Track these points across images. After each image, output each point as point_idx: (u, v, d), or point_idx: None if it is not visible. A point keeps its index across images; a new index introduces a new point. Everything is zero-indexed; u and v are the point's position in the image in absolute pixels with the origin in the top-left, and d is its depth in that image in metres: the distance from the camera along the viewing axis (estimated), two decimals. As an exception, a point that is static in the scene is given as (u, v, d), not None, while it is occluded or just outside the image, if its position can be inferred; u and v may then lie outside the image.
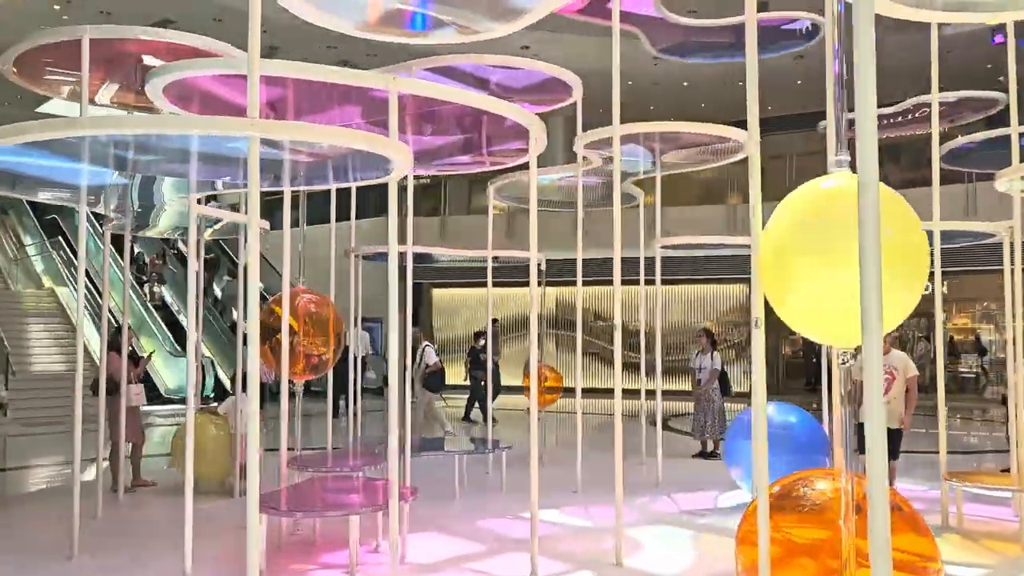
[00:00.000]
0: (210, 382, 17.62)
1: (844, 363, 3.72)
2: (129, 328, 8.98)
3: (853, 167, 3.23)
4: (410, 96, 5.09)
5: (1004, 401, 9.67)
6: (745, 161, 9.51)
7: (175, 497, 8.51)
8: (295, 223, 7.79)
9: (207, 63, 5.14)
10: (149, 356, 10.64)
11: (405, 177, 5.58)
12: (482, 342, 13.57)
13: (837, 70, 3.88)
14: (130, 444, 8.73)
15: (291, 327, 7.26)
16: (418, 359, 12.00)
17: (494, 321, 12.55)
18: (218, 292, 21.76)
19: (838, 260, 3.43)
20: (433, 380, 12.11)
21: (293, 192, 8.80)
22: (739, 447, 7.99)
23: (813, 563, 4.01)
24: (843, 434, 3.76)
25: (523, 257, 10.72)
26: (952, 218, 17.14)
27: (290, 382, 6.79)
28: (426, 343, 12.78)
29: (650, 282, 9.92)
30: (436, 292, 23.08)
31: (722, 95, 20.40)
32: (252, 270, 3.79)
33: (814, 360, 22.98)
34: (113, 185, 5.69)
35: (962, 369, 21.40)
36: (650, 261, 9.98)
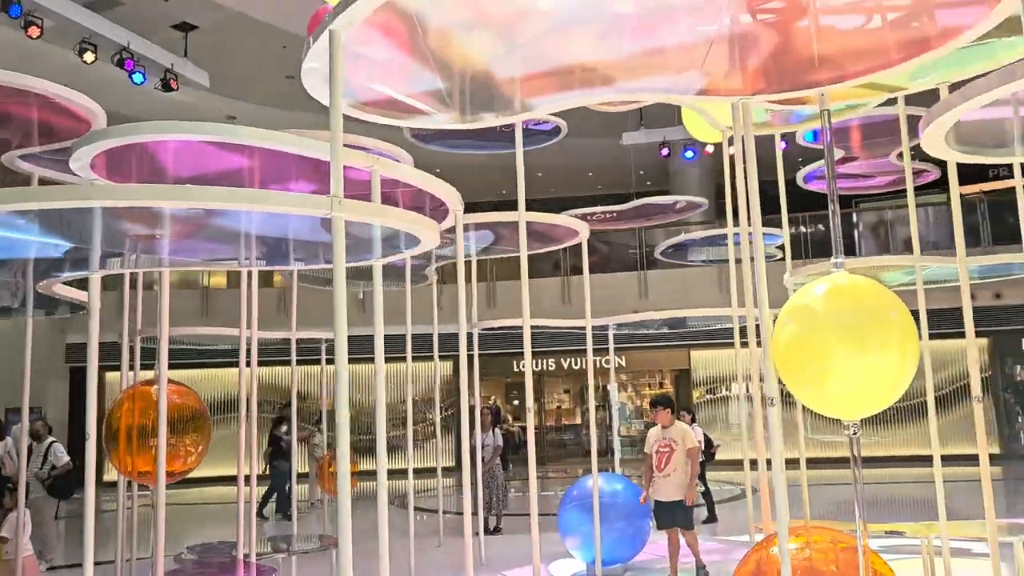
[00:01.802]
0: None
1: (856, 433, 4.35)
2: None
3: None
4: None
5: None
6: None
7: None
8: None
9: (162, 127, 4.48)
10: None
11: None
12: (284, 427, 12.34)
13: (828, 187, 4.62)
14: None
15: (146, 426, 6.29)
16: (40, 459, 9.75)
17: (286, 405, 11.51)
18: None
19: (870, 346, 4.10)
20: (62, 485, 9.84)
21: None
22: (574, 518, 8.40)
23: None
24: (857, 495, 4.39)
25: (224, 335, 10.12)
26: (631, 300, 19.55)
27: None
28: (52, 439, 10.23)
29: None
30: (110, 376, 20.60)
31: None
32: (341, 380, 3.44)
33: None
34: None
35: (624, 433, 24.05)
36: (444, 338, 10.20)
